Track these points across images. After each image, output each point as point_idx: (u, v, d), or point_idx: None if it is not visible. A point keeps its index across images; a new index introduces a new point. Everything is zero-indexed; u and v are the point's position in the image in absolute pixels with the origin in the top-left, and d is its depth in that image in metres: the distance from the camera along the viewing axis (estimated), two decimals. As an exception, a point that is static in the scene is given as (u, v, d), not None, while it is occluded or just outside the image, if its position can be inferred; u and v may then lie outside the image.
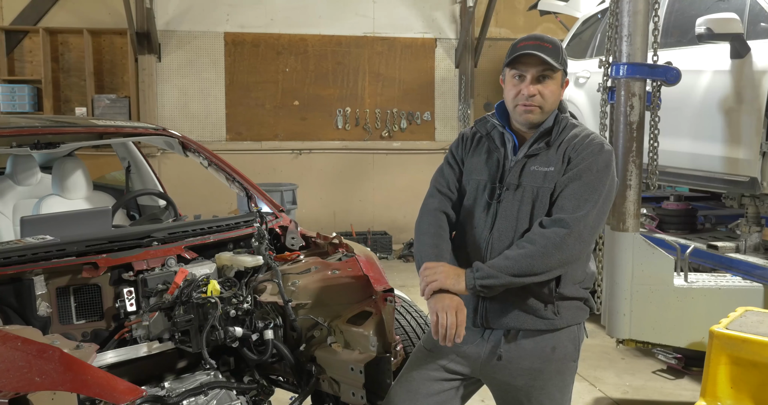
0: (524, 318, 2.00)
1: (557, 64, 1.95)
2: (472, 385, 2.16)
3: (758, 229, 3.81)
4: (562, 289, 1.98)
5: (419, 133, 8.03)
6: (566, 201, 1.91)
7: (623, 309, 3.48)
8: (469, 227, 2.08)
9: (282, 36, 7.64)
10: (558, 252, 1.85)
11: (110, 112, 7.15)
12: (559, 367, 2.03)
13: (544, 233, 1.88)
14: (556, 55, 1.95)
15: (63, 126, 3.16)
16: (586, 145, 1.96)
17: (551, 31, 7.89)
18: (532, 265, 1.85)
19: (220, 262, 2.70)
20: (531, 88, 1.95)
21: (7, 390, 1.65)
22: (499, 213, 2.00)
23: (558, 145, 1.99)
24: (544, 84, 1.96)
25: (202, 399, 2.23)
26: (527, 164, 2.00)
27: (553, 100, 1.99)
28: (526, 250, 1.86)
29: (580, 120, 5.22)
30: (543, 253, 1.85)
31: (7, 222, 3.54)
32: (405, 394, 2.10)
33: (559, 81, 1.99)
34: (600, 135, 2.05)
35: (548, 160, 1.98)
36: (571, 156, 1.96)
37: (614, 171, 1.99)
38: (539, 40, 1.97)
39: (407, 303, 3.00)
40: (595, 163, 1.94)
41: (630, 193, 3.48)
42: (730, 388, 2.65)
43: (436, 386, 2.10)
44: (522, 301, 1.99)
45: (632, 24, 3.42)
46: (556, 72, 1.96)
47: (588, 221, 1.88)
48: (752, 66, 3.58)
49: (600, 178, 1.93)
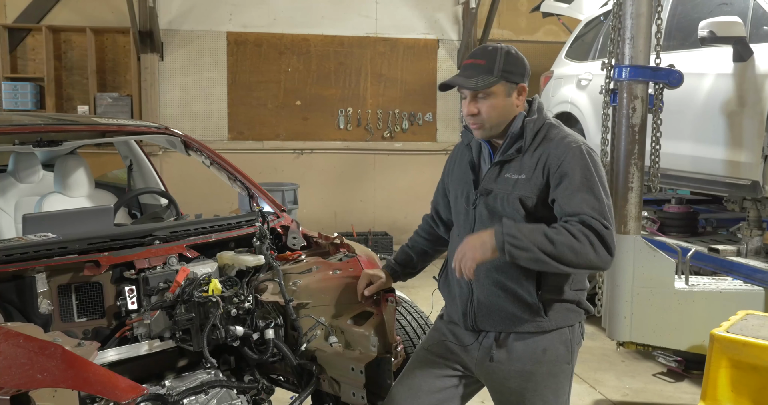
0: (512, 320, 2.01)
1: (484, 83, 1.93)
2: (473, 384, 2.17)
3: (759, 232, 3.81)
4: (549, 291, 1.98)
5: (421, 134, 8.03)
6: (593, 218, 1.85)
7: (624, 311, 3.48)
8: (455, 233, 2.17)
9: (284, 36, 7.65)
10: (595, 254, 1.81)
11: (112, 110, 7.15)
12: (551, 370, 2.03)
13: (588, 234, 1.82)
14: (488, 71, 1.94)
15: (65, 124, 3.16)
16: (568, 152, 1.92)
17: (553, 33, 7.90)
18: (570, 258, 1.80)
19: (222, 261, 2.70)
20: (470, 107, 1.98)
21: (8, 387, 1.65)
22: (476, 219, 2.05)
23: (533, 151, 1.97)
24: (483, 101, 1.96)
25: (203, 398, 2.23)
26: (502, 171, 2.01)
27: (495, 114, 1.97)
28: (570, 241, 1.79)
29: (582, 122, 5.23)
30: (584, 253, 1.80)
31: (9, 219, 3.54)
32: (407, 392, 2.12)
33: (501, 93, 1.96)
34: (575, 134, 2.02)
35: (521, 167, 1.98)
36: (551, 164, 1.92)
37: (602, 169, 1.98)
38: (474, 58, 1.98)
39: (408, 303, 3.00)
40: (585, 168, 1.91)
41: (631, 195, 3.48)
42: (730, 391, 2.65)
43: (438, 383, 2.12)
44: (510, 304, 2.00)
45: (635, 26, 3.42)
46: (491, 87, 1.94)
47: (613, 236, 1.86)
48: (755, 69, 3.58)
49: (602, 185, 1.92)
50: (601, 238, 1.82)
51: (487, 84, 1.94)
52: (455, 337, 2.15)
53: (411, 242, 2.43)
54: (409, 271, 2.42)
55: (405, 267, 2.41)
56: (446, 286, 2.21)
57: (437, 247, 2.42)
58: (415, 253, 2.40)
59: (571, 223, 1.84)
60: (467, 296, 2.08)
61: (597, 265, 1.85)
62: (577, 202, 1.86)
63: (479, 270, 2.03)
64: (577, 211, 1.85)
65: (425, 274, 2.50)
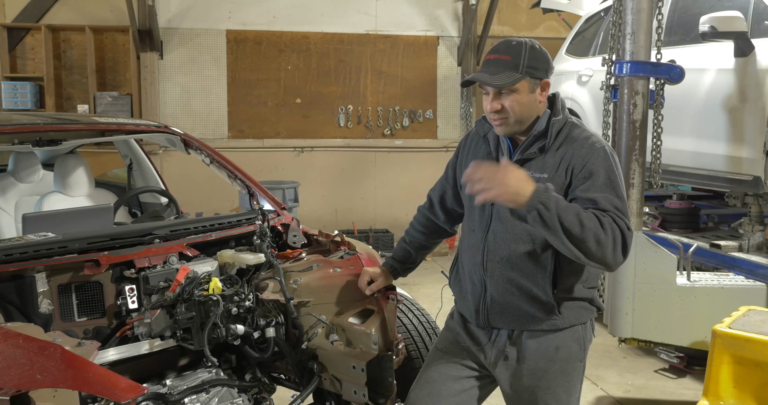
0: (526, 318, 2.00)
1: (510, 80, 1.89)
2: (490, 384, 2.17)
3: (761, 228, 3.80)
4: (563, 289, 1.97)
5: (421, 131, 8.02)
6: (618, 218, 1.83)
7: (626, 308, 3.47)
8: (469, 229, 2.12)
9: (284, 33, 7.63)
10: (613, 252, 1.79)
11: (112, 109, 7.14)
12: (564, 368, 2.02)
13: (614, 229, 1.79)
14: (514, 67, 1.90)
15: (65, 123, 3.16)
16: (593, 152, 1.91)
17: (554, 29, 7.87)
18: (592, 246, 1.76)
19: (222, 260, 2.69)
20: (494, 104, 1.93)
21: (8, 387, 1.65)
22: (493, 215, 2.01)
23: (555, 150, 1.95)
24: (507, 97, 1.92)
25: (204, 397, 2.23)
26: (523, 168, 1.97)
27: (519, 110, 1.94)
28: (597, 230, 1.76)
29: (583, 118, 5.22)
30: (605, 246, 1.77)
31: (9, 219, 3.54)
32: (427, 397, 2.11)
33: (525, 89, 1.93)
34: (597, 135, 2.01)
35: (543, 166, 1.95)
36: (575, 164, 1.91)
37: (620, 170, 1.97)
38: (498, 53, 1.94)
39: (409, 301, 3.00)
40: (610, 169, 1.90)
41: (633, 191, 3.48)
42: (732, 387, 2.64)
43: (457, 386, 2.11)
44: (524, 302, 1.99)
45: (636, 22, 3.41)
46: (516, 84, 1.91)
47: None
48: (756, 64, 3.57)
49: (623, 187, 1.91)
50: (623, 237, 1.80)
51: (512, 81, 1.90)
52: (469, 336, 2.13)
53: (408, 238, 2.40)
54: (409, 267, 2.41)
55: (404, 263, 2.40)
56: (457, 283, 2.19)
57: (435, 240, 2.41)
58: (414, 249, 2.39)
59: (602, 214, 1.80)
60: (480, 293, 2.05)
61: (609, 263, 1.81)
62: (603, 200, 1.84)
63: (493, 267, 2.01)
64: (604, 208, 1.83)
65: (427, 271, 2.50)
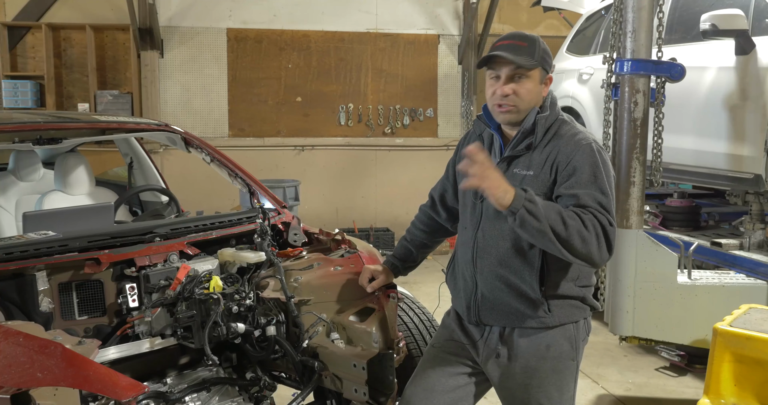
0: (516, 315, 2.01)
1: (530, 63, 1.92)
2: (485, 381, 2.17)
3: (762, 226, 3.79)
4: (552, 286, 1.98)
5: (422, 130, 8.01)
6: (600, 213, 1.83)
7: (626, 306, 3.47)
8: (462, 226, 2.16)
9: (285, 32, 7.63)
10: (598, 248, 1.80)
11: (113, 108, 7.15)
12: (556, 366, 2.02)
13: (596, 226, 1.80)
14: (530, 53, 1.93)
15: (65, 122, 3.15)
16: (578, 149, 1.91)
17: (554, 27, 7.86)
18: (578, 245, 1.77)
19: (223, 258, 2.69)
20: (505, 88, 1.94)
21: (8, 386, 1.65)
22: (483, 212, 2.04)
23: (543, 148, 1.96)
24: (519, 83, 1.94)
25: (205, 395, 2.23)
26: (510, 166, 2.00)
27: (529, 98, 1.96)
28: (580, 229, 1.77)
29: (584, 117, 5.21)
30: (590, 243, 1.78)
31: (10, 218, 3.54)
32: (422, 393, 2.13)
33: (536, 79, 1.96)
34: (586, 131, 2.01)
35: (530, 163, 1.97)
36: (560, 161, 1.91)
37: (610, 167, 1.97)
38: (514, 39, 1.95)
39: (410, 299, 3.00)
40: (595, 165, 1.90)
41: (633, 189, 3.47)
42: (733, 385, 2.64)
43: (451, 382, 2.12)
44: (513, 299, 2.00)
45: (636, 20, 3.40)
46: (531, 70, 1.94)
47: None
48: (757, 62, 3.56)
49: (610, 183, 1.91)
50: (606, 233, 1.81)
51: (531, 64, 1.93)
52: (463, 333, 2.15)
53: (410, 236, 2.42)
54: (410, 265, 2.42)
55: (405, 261, 2.41)
56: (453, 280, 2.21)
57: (436, 239, 2.42)
58: (415, 247, 2.40)
59: (583, 212, 1.81)
60: (471, 290, 2.08)
61: (595, 259, 1.82)
62: (585, 196, 1.84)
63: (483, 263, 2.03)
64: (585, 204, 1.84)
65: (428, 270, 2.50)
